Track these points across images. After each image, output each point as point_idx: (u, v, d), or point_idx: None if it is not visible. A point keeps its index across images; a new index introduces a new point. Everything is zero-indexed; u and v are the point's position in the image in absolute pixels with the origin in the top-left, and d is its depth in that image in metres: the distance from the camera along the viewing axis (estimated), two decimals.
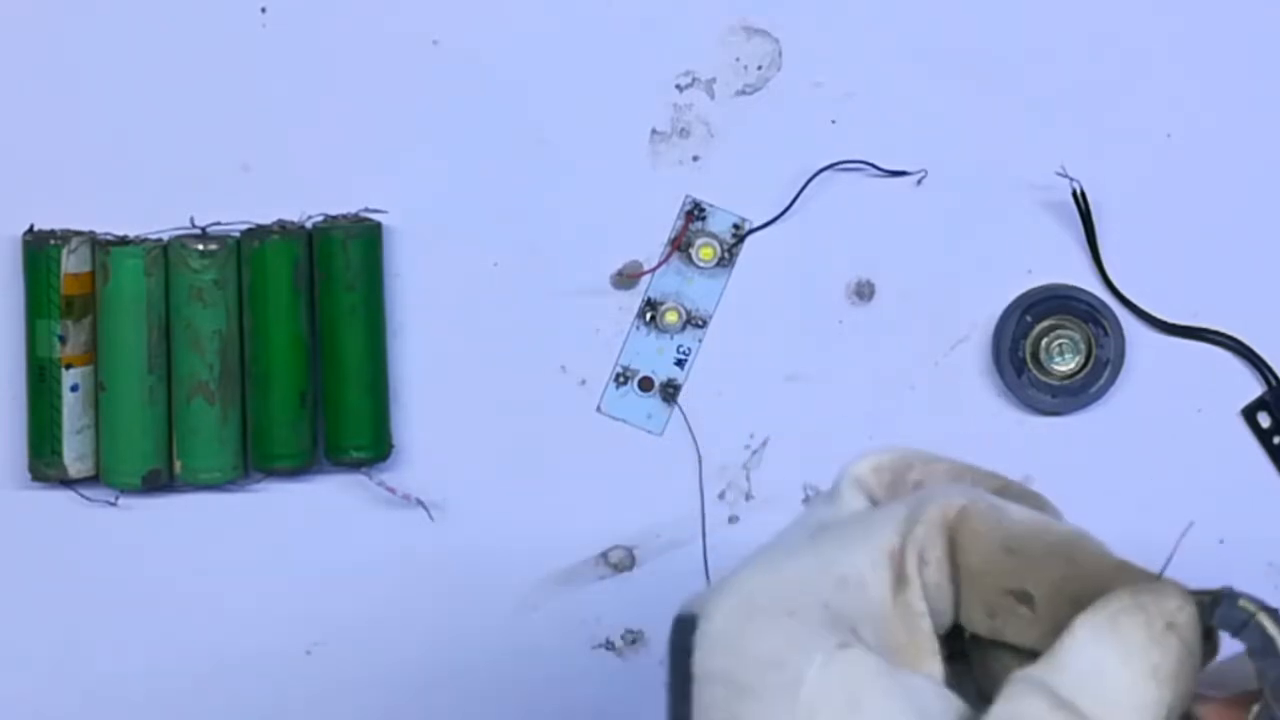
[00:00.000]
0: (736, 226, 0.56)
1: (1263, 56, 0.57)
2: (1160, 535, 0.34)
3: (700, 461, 0.56)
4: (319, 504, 0.56)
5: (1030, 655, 0.32)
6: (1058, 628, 0.32)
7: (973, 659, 0.35)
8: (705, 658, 0.32)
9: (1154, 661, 0.31)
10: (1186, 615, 0.32)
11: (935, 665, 0.33)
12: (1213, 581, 0.35)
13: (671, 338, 0.56)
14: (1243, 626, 0.32)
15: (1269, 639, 0.32)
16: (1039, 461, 0.55)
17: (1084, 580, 0.33)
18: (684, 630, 0.33)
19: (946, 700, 0.32)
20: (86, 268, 0.54)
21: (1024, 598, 0.33)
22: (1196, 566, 0.36)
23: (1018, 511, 0.34)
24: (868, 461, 0.36)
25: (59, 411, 0.54)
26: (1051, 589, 0.33)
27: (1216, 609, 0.32)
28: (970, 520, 0.33)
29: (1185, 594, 0.32)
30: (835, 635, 0.32)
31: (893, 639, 0.33)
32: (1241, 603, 0.32)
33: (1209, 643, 0.32)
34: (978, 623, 0.34)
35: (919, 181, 0.56)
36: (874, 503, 0.36)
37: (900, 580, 0.33)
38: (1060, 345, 0.56)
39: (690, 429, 0.56)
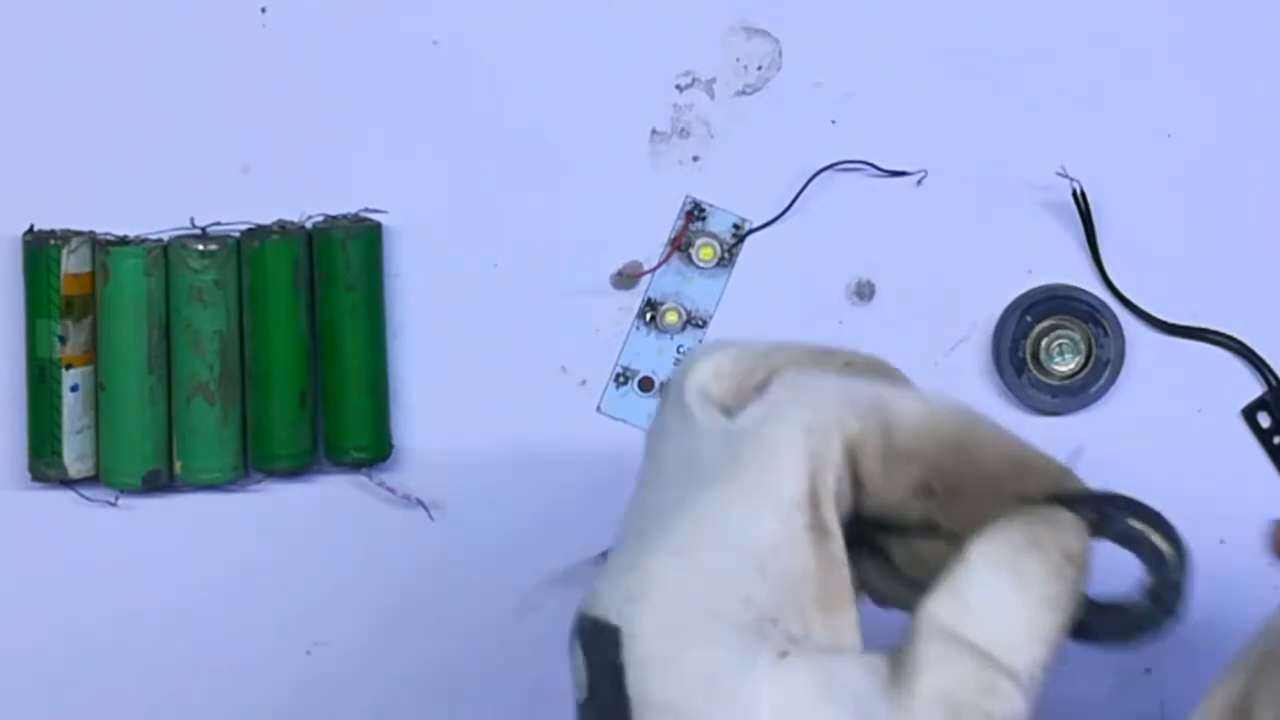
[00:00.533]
0: (736, 227, 0.56)
1: (1263, 56, 0.57)
2: None
3: None
4: (319, 504, 0.56)
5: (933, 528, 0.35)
6: (963, 517, 0.34)
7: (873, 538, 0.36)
8: (642, 682, 0.32)
9: (1051, 592, 0.32)
10: (1081, 544, 0.33)
11: (852, 611, 0.33)
12: (1213, 582, 0.35)
13: (672, 338, 0.56)
14: (1134, 542, 0.34)
15: (1158, 551, 0.34)
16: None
17: (982, 479, 0.35)
18: (606, 643, 0.32)
19: (873, 674, 0.32)
20: (86, 268, 0.54)
21: (927, 492, 0.35)
22: (1196, 568, 0.36)
23: (903, 409, 0.34)
24: (706, 368, 0.35)
25: (59, 412, 0.54)
26: (952, 485, 0.34)
27: (1111, 527, 0.34)
28: (866, 442, 0.34)
29: (1079, 524, 0.34)
30: (767, 643, 0.32)
31: (812, 592, 0.33)
32: (1130, 521, 0.34)
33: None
34: (887, 514, 0.35)
35: (919, 182, 0.56)
36: (727, 413, 0.35)
37: (820, 533, 0.33)
38: (1060, 345, 0.56)
39: None
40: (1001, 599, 0.32)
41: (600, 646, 0.33)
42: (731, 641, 0.32)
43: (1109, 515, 0.34)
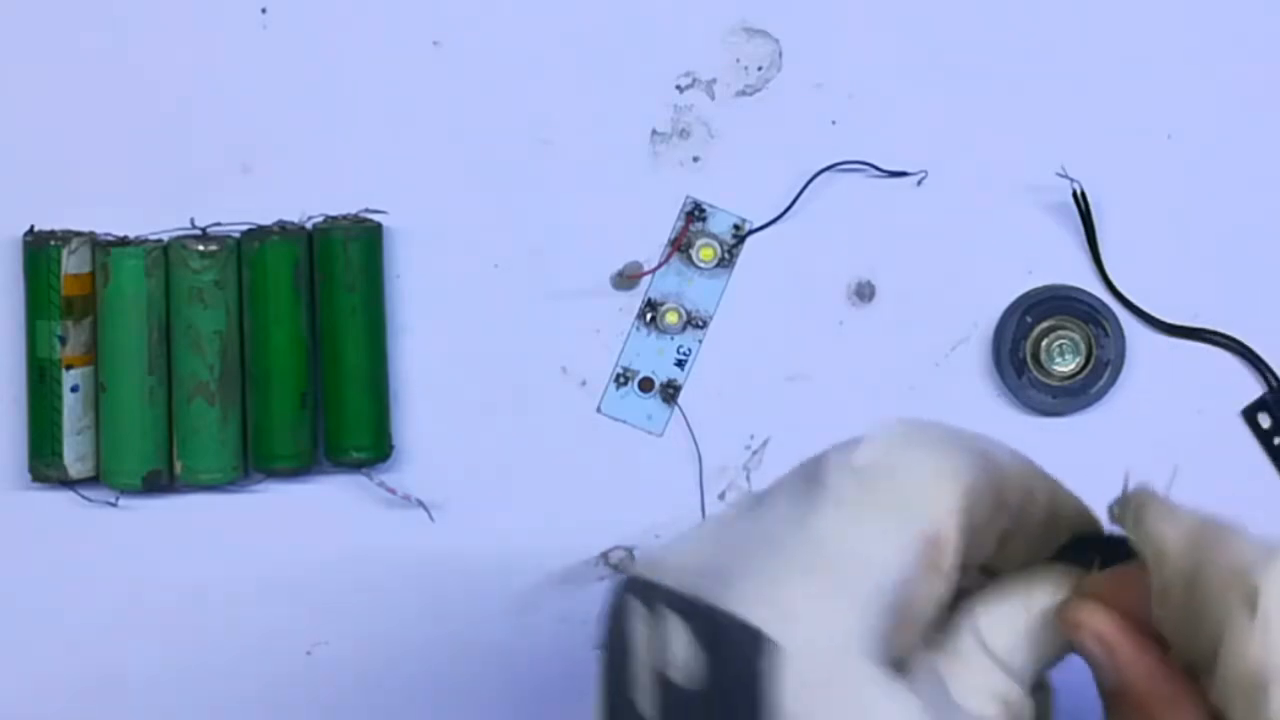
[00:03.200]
0: (737, 227, 0.56)
1: (1263, 56, 0.57)
2: None
3: (700, 462, 0.56)
4: (319, 504, 0.56)
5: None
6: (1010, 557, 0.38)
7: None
8: (806, 701, 0.33)
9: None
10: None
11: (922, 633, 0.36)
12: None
13: (672, 338, 0.56)
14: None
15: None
16: (1039, 462, 0.55)
17: (1035, 525, 0.38)
18: (753, 651, 0.33)
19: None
20: (87, 268, 0.54)
21: (1002, 541, 0.38)
22: None
23: (1004, 460, 0.37)
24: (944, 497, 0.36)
25: (59, 412, 0.54)
26: (1018, 531, 0.38)
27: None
28: (982, 494, 0.36)
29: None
30: (891, 671, 0.34)
31: (904, 614, 0.35)
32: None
33: None
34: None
35: (919, 182, 0.56)
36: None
37: (935, 570, 0.35)
38: (1060, 346, 0.56)
39: (690, 430, 0.56)
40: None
41: (741, 651, 0.33)
42: (879, 678, 0.33)
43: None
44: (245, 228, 0.55)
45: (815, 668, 0.33)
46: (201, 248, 0.54)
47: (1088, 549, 0.38)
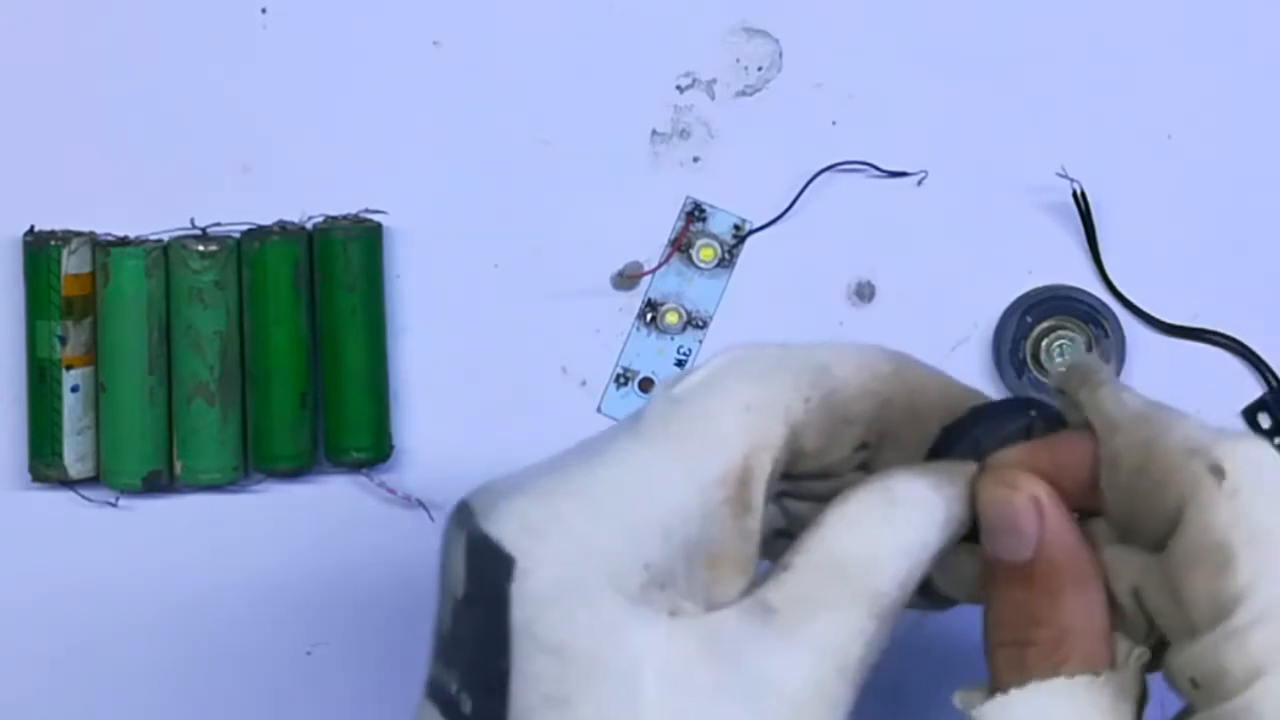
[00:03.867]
0: (737, 227, 0.56)
1: (1263, 57, 0.57)
2: None
3: None
4: (319, 505, 0.56)
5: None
6: (893, 459, 0.37)
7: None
8: (529, 620, 0.32)
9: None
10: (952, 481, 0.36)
11: (745, 579, 0.34)
12: None
13: (672, 339, 0.56)
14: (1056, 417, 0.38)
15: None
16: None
17: (913, 423, 0.37)
18: (496, 566, 0.33)
19: (751, 618, 0.33)
20: (87, 268, 0.54)
21: (863, 446, 0.37)
22: None
23: (845, 375, 0.36)
24: (740, 401, 0.35)
25: (59, 412, 0.54)
26: (887, 434, 0.38)
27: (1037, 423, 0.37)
28: (810, 421, 0.35)
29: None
30: (658, 604, 0.33)
31: (710, 558, 0.34)
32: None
33: None
34: (821, 468, 0.37)
35: (919, 182, 0.56)
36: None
37: (740, 507, 0.34)
38: (1061, 346, 0.56)
39: None
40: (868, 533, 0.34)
41: (488, 566, 0.33)
42: (623, 601, 0.32)
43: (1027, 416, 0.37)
44: (245, 228, 0.55)
45: (546, 586, 0.32)
46: (201, 248, 0.54)
47: (961, 439, 0.37)
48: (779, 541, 0.38)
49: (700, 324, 0.56)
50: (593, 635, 0.32)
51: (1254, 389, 0.57)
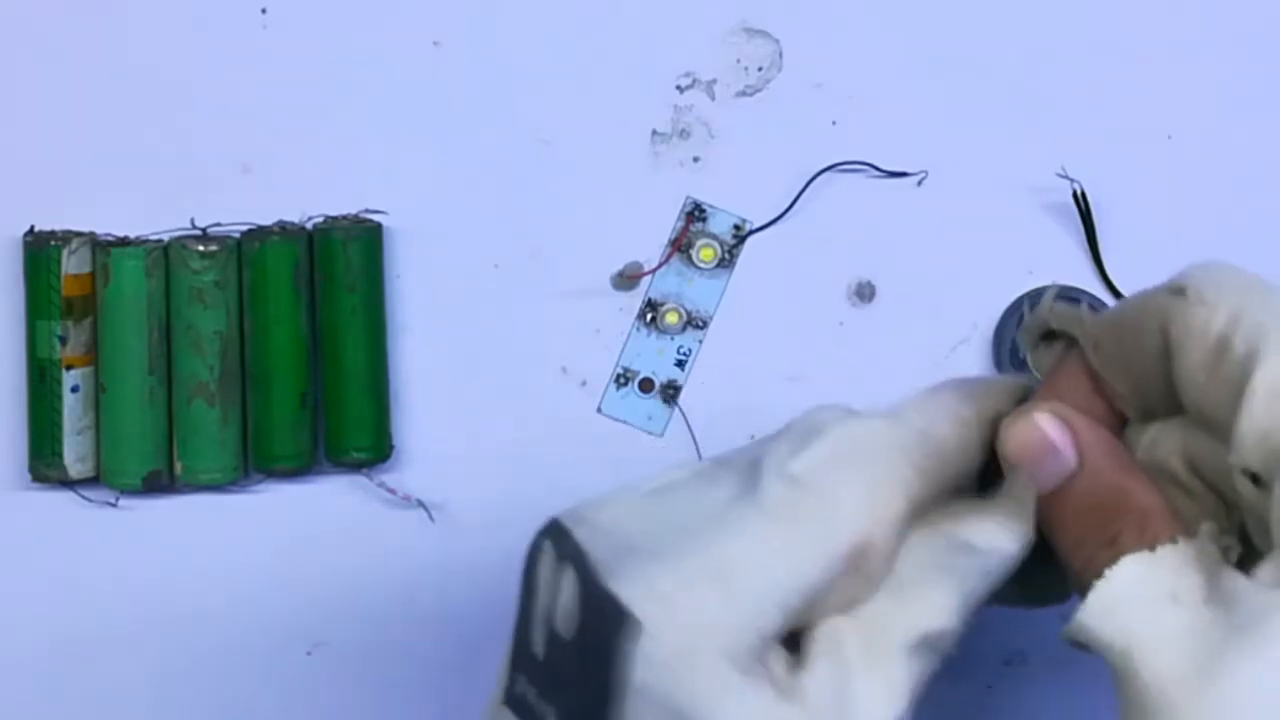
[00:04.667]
0: (737, 227, 0.56)
1: (1263, 56, 0.57)
2: None
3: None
4: (319, 505, 0.56)
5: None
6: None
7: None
8: (648, 683, 0.34)
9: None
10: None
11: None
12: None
13: (672, 339, 0.56)
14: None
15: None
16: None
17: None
18: (619, 626, 0.34)
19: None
20: (87, 269, 0.54)
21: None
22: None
23: (945, 440, 0.38)
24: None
25: (59, 412, 0.54)
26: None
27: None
28: (926, 493, 0.37)
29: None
30: (765, 673, 0.34)
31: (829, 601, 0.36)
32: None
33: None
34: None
35: (919, 182, 0.56)
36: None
37: (862, 577, 0.36)
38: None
39: (691, 430, 0.56)
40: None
41: (609, 623, 0.34)
42: (734, 671, 0.34)
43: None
44: (245, 228, 0.55)
45: (669, 653, 0.33)
46: (202, 248, 0.54)
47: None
48: None
49: (700, 324, 0.56)
50: (707, 701, 0.33)
51: None
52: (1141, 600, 0.34)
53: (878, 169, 0.56)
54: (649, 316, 0.56)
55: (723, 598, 0.34)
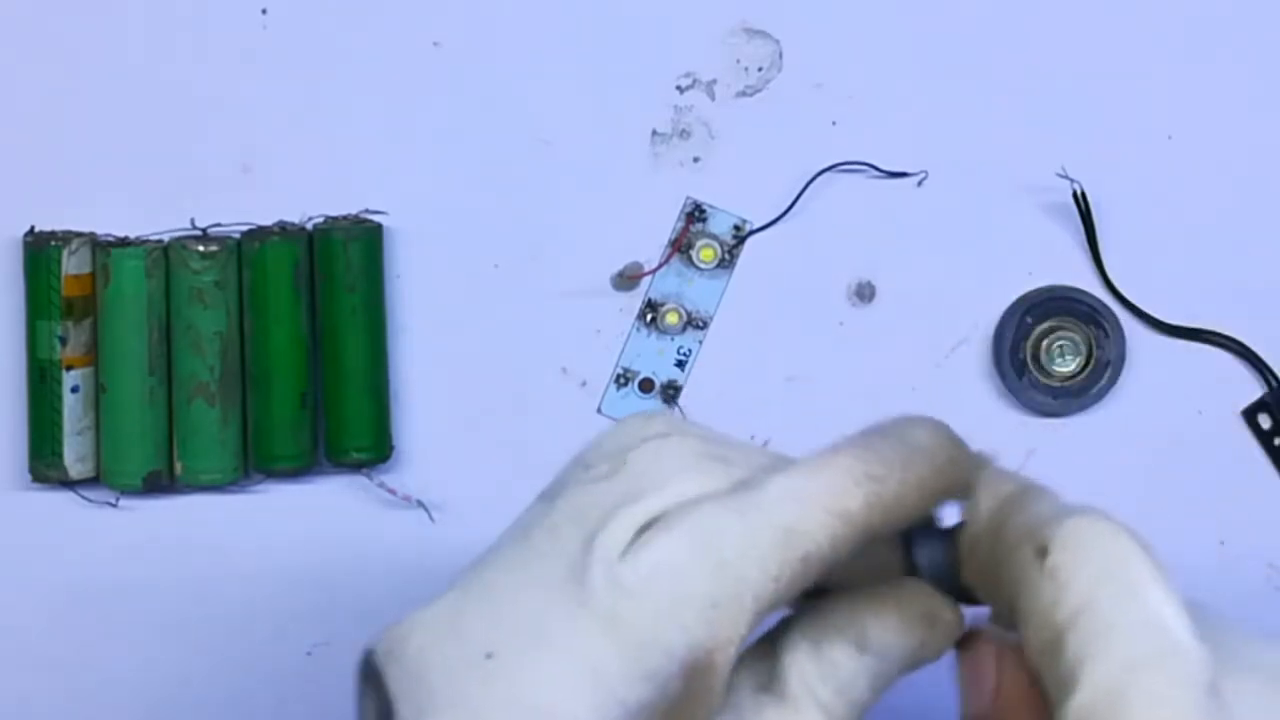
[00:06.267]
0: (737, 228, 0.56)
1: (1262, 56, 0.57)
2: (1161, 536, 0.34)
3: None
4: (319, 505, 0.56)
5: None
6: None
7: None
8: None
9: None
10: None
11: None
12: (1213, 583, 0.35)
13: (672, 339, 0.56)
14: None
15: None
16: (1040, 463, 0.55)
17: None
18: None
19: None
20: (87, 269, 0.54)
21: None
22: (1196, 569, 0.36)
23: (818, 536, 0.33)
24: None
25: (59, 413, 0.54)
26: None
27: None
28: (781, 595, 0.33)
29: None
30: None
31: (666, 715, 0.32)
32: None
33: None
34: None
35: (920, 183, 0.56)
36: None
37: (700, 694, 0.32)
38: (1061, 347, 0.56)
39: None
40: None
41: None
42: None
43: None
44: (245, 228, 0.55)
45: None
46: (202, 248, 0.54)
47: (925, 552, 0.36)
48: None
49: (700, 324, 0.56)
50: None
51: (1254, 389, 0.57)
52: None
53: (878, 169, 0.56)
54: (649, 317, 0.56)
55: (484, 688, 0.31)
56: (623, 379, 0.56)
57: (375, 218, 0.55)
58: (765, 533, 0.32)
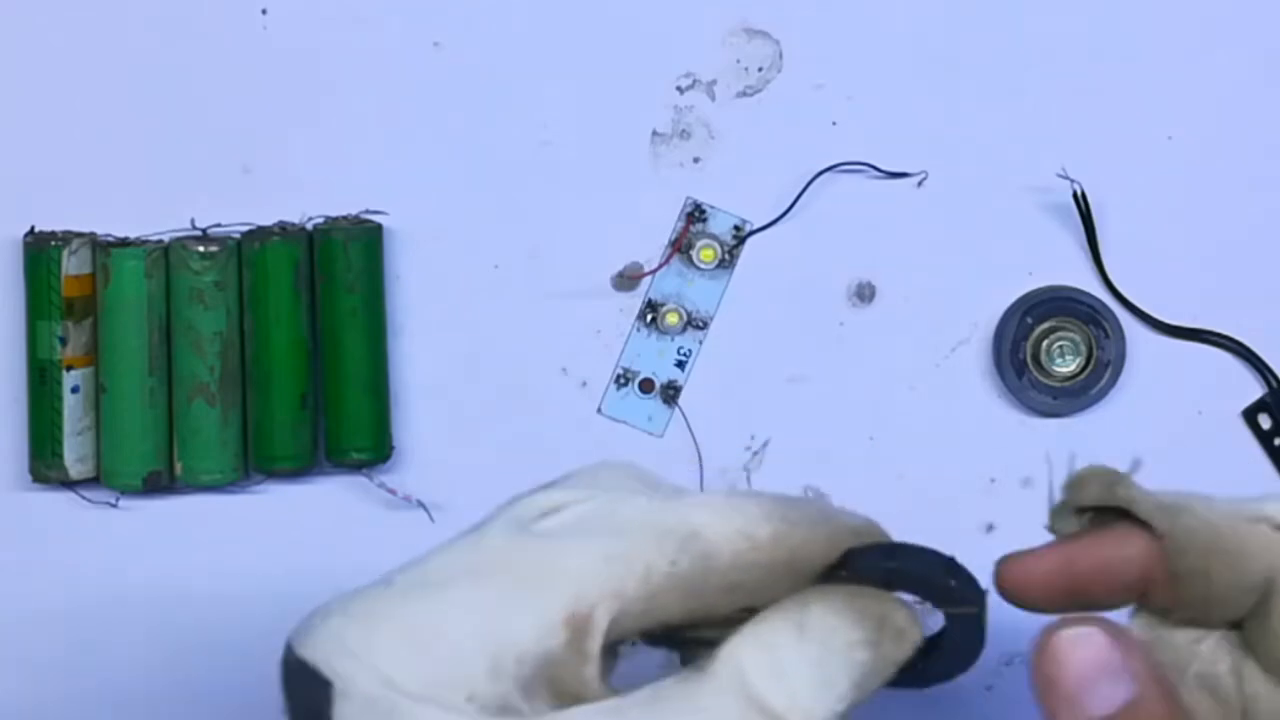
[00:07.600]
0: (737, 228, 0.56)
1: (1262, 57, 0.57)
2: None
3: (701, 463, 0.56)
4: (320, 505, 0.56)
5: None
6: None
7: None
8: None
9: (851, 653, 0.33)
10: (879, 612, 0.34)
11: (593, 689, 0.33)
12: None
13: (672, 339, 0.56)
14: (921, 585, 0.34)
15: (945, 589, 0.34)
16: (1039, 463, 0.55)
17: (799, 575, 0.34)
18: (316, 692, 0.32)
19: None
20: (87, 269, 0.54)
21: (748, 610, 0.34)
22: None
23: (719, 543, 0.33)
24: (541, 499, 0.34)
25: (60, 413, 0.54)
26: (772, 594, 0.34)
27: (899, 578, 0.34)
28: (676, 586, 0.33)
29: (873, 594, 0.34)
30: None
31: (556, 688, 0.32)
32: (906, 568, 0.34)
33: None
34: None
35: (920, 183, 0.56)
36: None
37: (578, 653, 0.32)
38: (1061, 347, 0.56)
39: (691, 431, 0.56)
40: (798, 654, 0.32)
41: (307, 691, 0.33)
42: (444, 716, 0.31)
43: (890, 568, 0.34)
44: (245, 228, 0.55)
45: (361, 708, 0.31)
46: (202, 249, 0.54)
47: (872, 557, 0.34)
48: None
49: (701, 325, 0.56)
50: None
51: (1254, 389, 0.57)
52: None
53: (878, 169, 0.56)
54: (649, 317, 0.56)
55: (412, 651, 0.32)
56: (623, 379, 0.56)
57: (375, 218, 0.55)
58: (671, 520, 0.33)
